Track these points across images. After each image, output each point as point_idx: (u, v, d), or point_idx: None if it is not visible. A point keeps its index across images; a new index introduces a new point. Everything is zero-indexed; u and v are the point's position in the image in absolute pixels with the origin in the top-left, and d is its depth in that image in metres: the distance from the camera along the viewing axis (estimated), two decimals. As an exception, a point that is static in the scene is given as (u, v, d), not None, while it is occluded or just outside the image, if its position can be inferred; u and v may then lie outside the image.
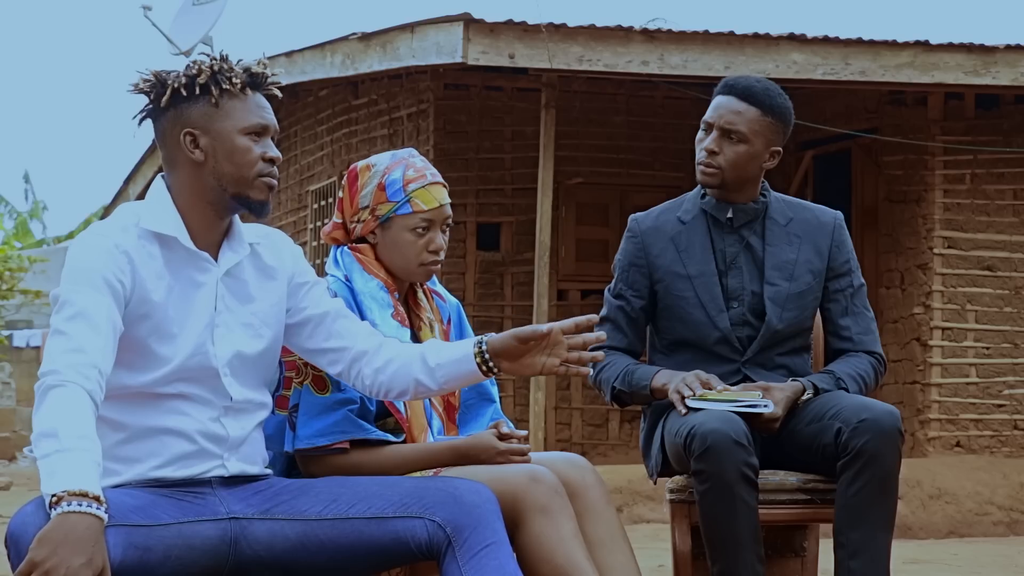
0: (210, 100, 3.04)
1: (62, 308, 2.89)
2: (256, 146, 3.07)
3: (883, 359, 4.12)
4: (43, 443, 2.72)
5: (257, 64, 3.09)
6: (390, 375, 3.19)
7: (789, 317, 4.03)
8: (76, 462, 2.70)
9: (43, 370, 2.82)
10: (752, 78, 4.04)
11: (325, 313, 3.22)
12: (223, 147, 3.05)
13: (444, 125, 11.74)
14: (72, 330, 2.86)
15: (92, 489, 2.68)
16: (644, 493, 10.01)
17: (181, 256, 3.06)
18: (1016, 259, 11.20)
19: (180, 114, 3.05)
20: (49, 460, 2.70)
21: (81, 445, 2.72)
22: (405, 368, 3.19)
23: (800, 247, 4.06)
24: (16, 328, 26.80)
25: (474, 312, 11.57)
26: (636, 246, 4.11)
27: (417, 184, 3.46)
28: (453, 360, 3.17)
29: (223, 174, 3.05)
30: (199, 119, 3.05)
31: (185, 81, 3.04)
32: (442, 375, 3.18)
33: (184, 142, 3.05)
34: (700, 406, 3.79)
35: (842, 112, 11.70)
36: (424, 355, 3.19)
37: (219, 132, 3.05)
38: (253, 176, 3.07)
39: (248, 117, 3.07)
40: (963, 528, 10.15)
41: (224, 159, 3.05)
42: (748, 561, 3.70)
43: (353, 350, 3.21)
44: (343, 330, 3.22)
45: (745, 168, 4.00)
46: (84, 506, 2.66)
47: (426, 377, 3.18)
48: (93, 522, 2.66)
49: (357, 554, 3.04)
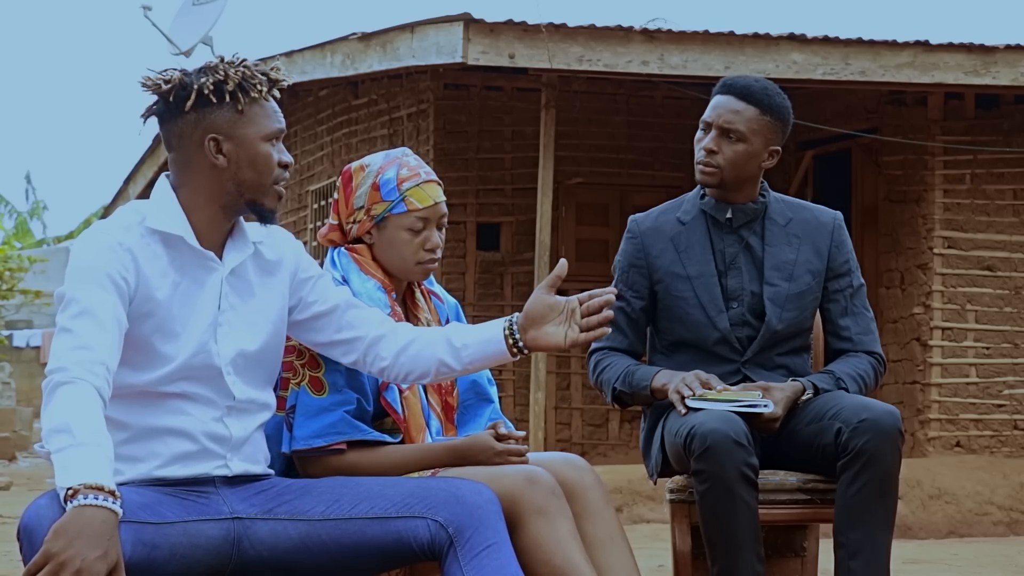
0: (236, 107, 3.05)
1: (68, 306, 2.90)
2: (274, 152, 3.09)
3: (883, 359, 4.12)
4: (56, 438, 2.73)
5: (273, 70, 3.11)
6: (412, 356, 3.22)
7: (789, 317, 4.02)
8: (91, 456, 2.71)
9: (51, 367, 2.82)
10: (751, 77, 4.04)
11: (335, 307, 3.23)
12: (246, 154, 3.06)
13: (444, 125, 11.74)
14: (78, 328, 2.86)
15: (108, 483, 2.69)
16: (644, 493, 10.01)
17: (186, 255, 3.06)
18: (1016, 259, 11.20)
19: (203, 118, 3.04)
20: (64, 454, 2.71)
21: (95, 440, 2.73)
22: (429, 349, 3.22)
23: (800, 247, 4.06)
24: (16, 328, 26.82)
25: (474, 312, 11.57)
26: (636, 247, 4.11)
27: (411, 183, 3.46)
28: (482, 340, 3.21)
29: (243, 180, 3.06)
30: (224, 125, 3.04)
31: (212, 87, 3.03)
32: (468, 355, 3.21)
33: (208, 147, 3.04)
34: (700, 406, 3.79)
35: (842, 112, 11.70)
36: (449, 337, 3.22)
37: (243, 139, 3.05)
38: (271, 183, 3.08)
39: (269, 124, 3.09)
40: (963, 528, 10.15)
41: (247, 166, 3.06)
42: (748, 561, 3.70)
43: (368, 337, 3.23)
44: (354, 320, 3.24)
45: (744, 167, 4.00)
46: (100, 500, 2.66)
47: (451, 358, 3.21)
48: (109, 516, 2.66)
49: (359, 554, 3.04)
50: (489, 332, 3.22)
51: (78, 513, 2.65)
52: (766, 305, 4.01)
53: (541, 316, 3.21)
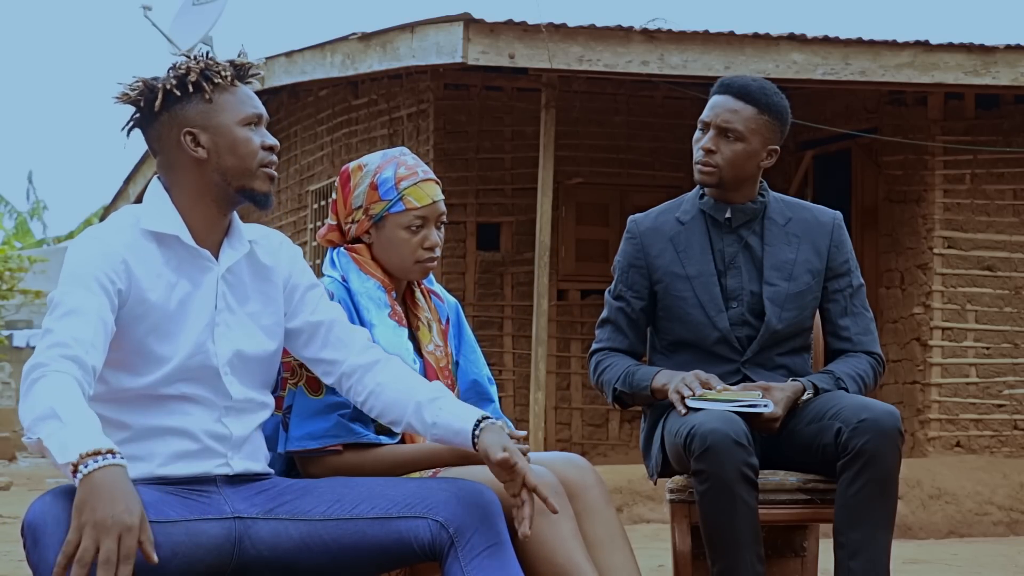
0: (203, 97, 3.05)
1: (53, 310, 2.91)
2: (255, 136, 3.08)
3: (882, 359, 4.12)
4: (43, 425, 2.71)
5: (238, 56, 3.12)
6: (383, 404, 3.18)
7: (788, 317, 4.03)
8: (82, 428, 2.70)
9: (28, 367, 2.82)
10: (748, 77, 4.05)
11: (319, 323, 3.20)
12: (225, 141, 3.06)
13: (444, 125, 11.74)
14: (59, 327, 2.86)
15: (103, 444, 2.68)
16: (644, 493, 10.01)
17: (182, 255, 3.06)
18: (1016, 259, 11.20)
19: (175, 115, 3.06)
20: (55, 437, 2.70)
21: (82, 415, 2.72)
22: (400, 406, 3.16)
23: (799, 247, 4.06)
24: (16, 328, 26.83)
25: (474, 312, 11.57)
26: (635, 247, 4.12)
27: (409, 181, 3.46)
28: (452, 430, 3.10)
29: (227, 168, 3.06)
30: (196, 117, 3.05)
31: (175, 82, 3.05)
32: (435, 434, 3.13)
33: (185, 142, 3.05)
34: (700, 406, 3.79)
35: (842, 112, 11.70)
36: (421, 407, 3.13)
37: (218, 127, 3.06)
38: (256, 166, 3.08)
39: (243, 108, 3.08)
40: (963, 528, 10.15)
41: (227, 153, 3.06)
42: (748, 561, 3.70)
43: (344, 364, 3.19)
44: (337, 342, 3.20)
45: (743, 167, 4.01)
46: (101, 461, 2.65)
47: (419, 426, 3.15)
48: (116, 471, 2.66)
49: (360, 554, 3.04)
50: (460, 423, 3.09)
51: (87, 482, 2.64)
52: (765, 305, 4.01)
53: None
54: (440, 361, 3.50)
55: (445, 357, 3.52)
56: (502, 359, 11.76)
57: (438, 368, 3.48)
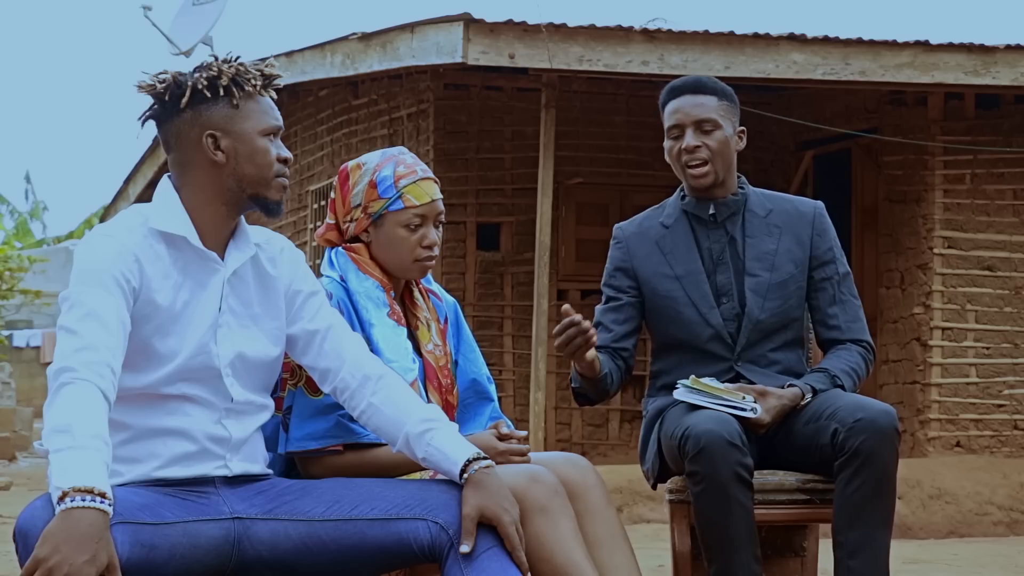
0: (231, 102, 3.06)
1: (73, 308, 2.91)
2: (272, 147, 3.10)
3: (871, 347, 4.13)
4: (56, 438, 2.73)
5: (266, 66, 3.13)
6: (375, 426, 3.17)
7: (772, 307, 4.04)
8: (87, 459, 2.71)
9: (56, 367, 2.82)
10: (690, 76, 4.18)
11: (315, 331, 3.19)
12: (245, 148, 3.07)
13: (444, 125, 11.74)
14: (84, 329, 2.87)
15: (99, 485, 2.68)
16: (644, 493, 10.01)
17: (189, 256, 3.07)
18: (1016, 259, 11.20)
19: (199, 115, 3.06)
20: (61, 455, 2.71)
21: (93, 444, 2.73)
22: (389, 434, 3.14)
23: (780, 237, 4.09)
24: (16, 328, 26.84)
25: (474, 312, 11.57)
26: (622, 251, 4.15)
27: (408, 180, 3.47)
28: (441, 469, 3.09)
29: (244, 175, 3.07)
30: (221, 120, 3.06)
31: (207, 83, 3.05)
32: (428, 463, 3.11)
33: (205, 143, 3.06)
34: (688, 398, 3.81)
35: (842, 112, 11.70)
36: (410, 440, 3.11)
37: (241, 134, 3.07)
38: (272, 177, 3.09)
39: (266, 119, 3.10)
40: (963, 528, 10.15)
41: (246, 160, 3.07)
42: (744, 561, 3.71)
43: (337, 378, 3.18)
44: (331, 352, 3.18)
45: (727, 153, 4.08)
46: (88, 501, 2.66)
47: (409, 453, 3.13)
48: (97, 517, 2.66)
49: (359, 555, 3.04)
50: (448, 464, 3.06)
51: (64, 517, 2.64)
52: (747, 296, 4.02)
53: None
54: (439, 360, 3.50)
55: (444, 356, 3.53)
56: (502, 359, 11.77)
57: (437, 367, 3.48)
